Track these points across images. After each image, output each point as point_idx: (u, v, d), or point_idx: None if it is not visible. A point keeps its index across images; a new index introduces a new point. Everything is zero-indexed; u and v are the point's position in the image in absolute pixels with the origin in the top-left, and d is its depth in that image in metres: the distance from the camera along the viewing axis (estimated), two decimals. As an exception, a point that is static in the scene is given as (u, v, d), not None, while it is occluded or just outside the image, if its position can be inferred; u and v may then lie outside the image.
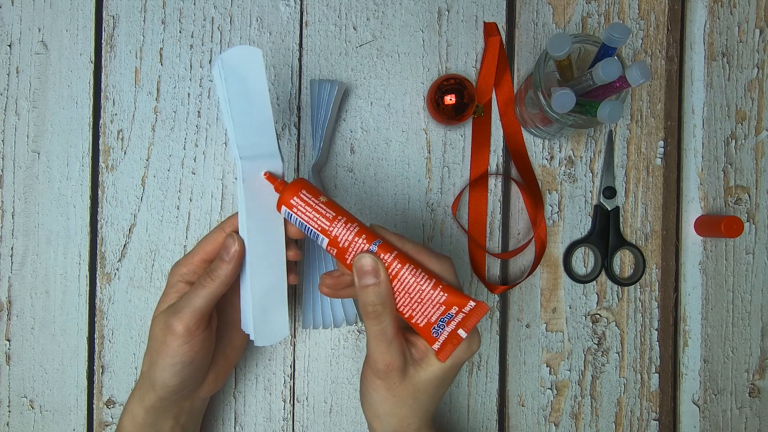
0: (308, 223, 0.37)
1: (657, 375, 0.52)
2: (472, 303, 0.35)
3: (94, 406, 0.50)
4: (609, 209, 0.52)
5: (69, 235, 0.50)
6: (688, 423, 0.53)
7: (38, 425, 0.49)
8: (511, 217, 0.52)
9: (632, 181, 0.52)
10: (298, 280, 0.42)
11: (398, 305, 0.36)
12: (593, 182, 0.52)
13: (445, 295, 0.35)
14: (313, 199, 0.37)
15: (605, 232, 0.52)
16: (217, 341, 0.42)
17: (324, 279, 0.38)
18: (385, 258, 0.35)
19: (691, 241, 0.53)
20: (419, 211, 0.51)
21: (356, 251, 0.36)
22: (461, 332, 0.35)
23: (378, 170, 0.51)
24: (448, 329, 0.35)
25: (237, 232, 0.39)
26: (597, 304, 0.52)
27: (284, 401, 0.50)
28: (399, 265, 0.35)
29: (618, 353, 0.52)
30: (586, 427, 0.52)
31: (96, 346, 0.50)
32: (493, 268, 0.52)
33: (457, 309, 0.35)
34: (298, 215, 0.37)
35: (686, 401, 0.53)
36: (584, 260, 0.53)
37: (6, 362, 0.49)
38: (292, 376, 0.50)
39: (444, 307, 0.35)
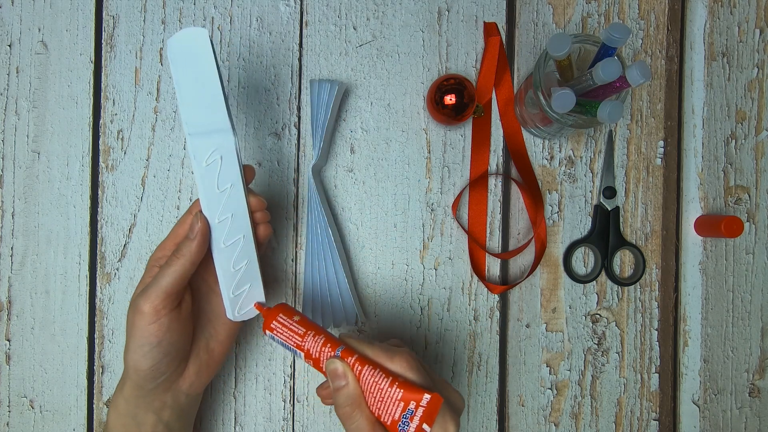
0: (287, 341, 0.39)
1: (657, 375, 0.52)
2: (428, 396, 0.35)
3: (94, 406, 0.50)
4: (609, 209, 0.52)
5: (69, 235, 0.50)
6: (688, 423, 0.53)
7: (38, 425, 0.49)
8: (511, 217, 0.52)
9: (632, 181, 0.52)
10: (268, 235, 0.43)
11: (369, 405, 0.37)
12: (593, 182, 0.52)
13: (401, 391, 0.35)
14: (287, 320, 0.40)
15: (605, 232, 0.52)
16: (199, 332, 0.42)
17: (318, 391, 0.41)
18: (349, 361, 0.37)
19: (691, 241, 0.53)
20: (419, 211, 0.51)
21: (325, 359, 0.38)
22: (425, 427, 0.35)
23: (378, 170, 0.51)
24: (413, 425, 0.35)
25: (201, 211, 0.40)
26: (597, 304, 0.52)
27: (284, 401, 0.50)
28: (360, 367, 0.37)
29: (618, 353, 0.52)
30: (586, 427, 0.52)
31: (96, 346, 0.50)
32: (493, 268, 0.52)
33: (414, 404, 0.35)
34: (278, 336, 0.40)
35: (686, 401, 0.53)
36: (584, 260, 0.53)
37: (6, 362, 0.49)
38: (292, 376, 0.50)
39: (402, 403, 0.35)
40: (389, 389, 0.36)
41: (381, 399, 0.36)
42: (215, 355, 0.43)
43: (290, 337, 0.39)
